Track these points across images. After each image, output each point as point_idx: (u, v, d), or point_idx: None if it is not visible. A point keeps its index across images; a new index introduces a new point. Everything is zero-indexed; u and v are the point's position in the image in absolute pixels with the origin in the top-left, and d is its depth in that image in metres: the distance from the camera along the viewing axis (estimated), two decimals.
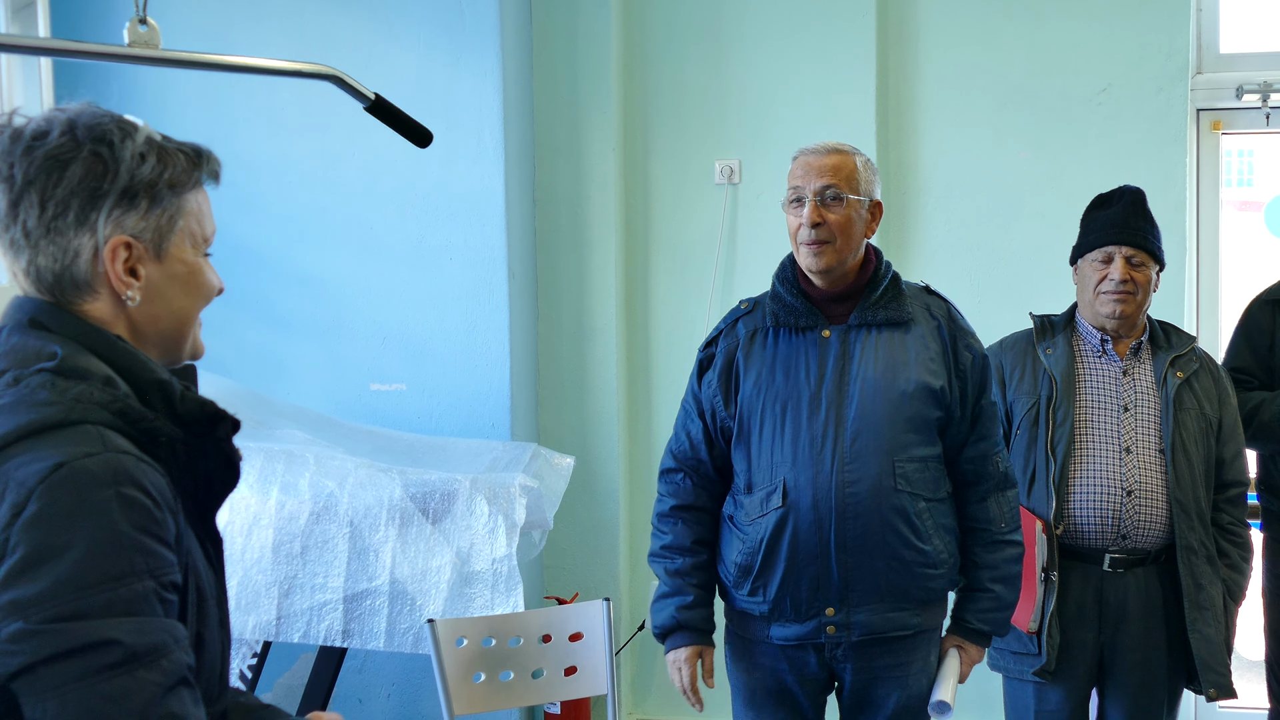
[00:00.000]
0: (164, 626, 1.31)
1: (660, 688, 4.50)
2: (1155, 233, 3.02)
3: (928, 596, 2.64)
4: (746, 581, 2.64)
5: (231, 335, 4.11)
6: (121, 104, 4.08)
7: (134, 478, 1.33)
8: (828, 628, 2.61)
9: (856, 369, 2.58)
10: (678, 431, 2.76)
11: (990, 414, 2.69)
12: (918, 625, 2.65)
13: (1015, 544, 2.70)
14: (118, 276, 1.44)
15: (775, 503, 2.58)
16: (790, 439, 2.58)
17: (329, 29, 4.02)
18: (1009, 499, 2.70)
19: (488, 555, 3.17)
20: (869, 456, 2.55)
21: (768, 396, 2.61)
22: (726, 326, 2.72)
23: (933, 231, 4.26)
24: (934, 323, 2.65)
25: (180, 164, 1.49)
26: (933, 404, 2.59)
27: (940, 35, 4.23)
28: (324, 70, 2.38)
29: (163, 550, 1.34)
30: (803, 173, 2.61)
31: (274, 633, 3.18)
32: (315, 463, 3.24)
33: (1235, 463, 3.06)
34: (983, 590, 2.68)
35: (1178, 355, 3.03)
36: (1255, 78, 4.16)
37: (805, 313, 2.63)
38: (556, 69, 4.28)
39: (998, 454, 2.69)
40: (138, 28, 2.17)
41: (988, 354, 3.14)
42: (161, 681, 1.29)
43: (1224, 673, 2.98)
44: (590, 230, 4.30)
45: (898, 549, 2.56)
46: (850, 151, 2.63)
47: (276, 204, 4.09)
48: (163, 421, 1.41)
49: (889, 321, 2.61)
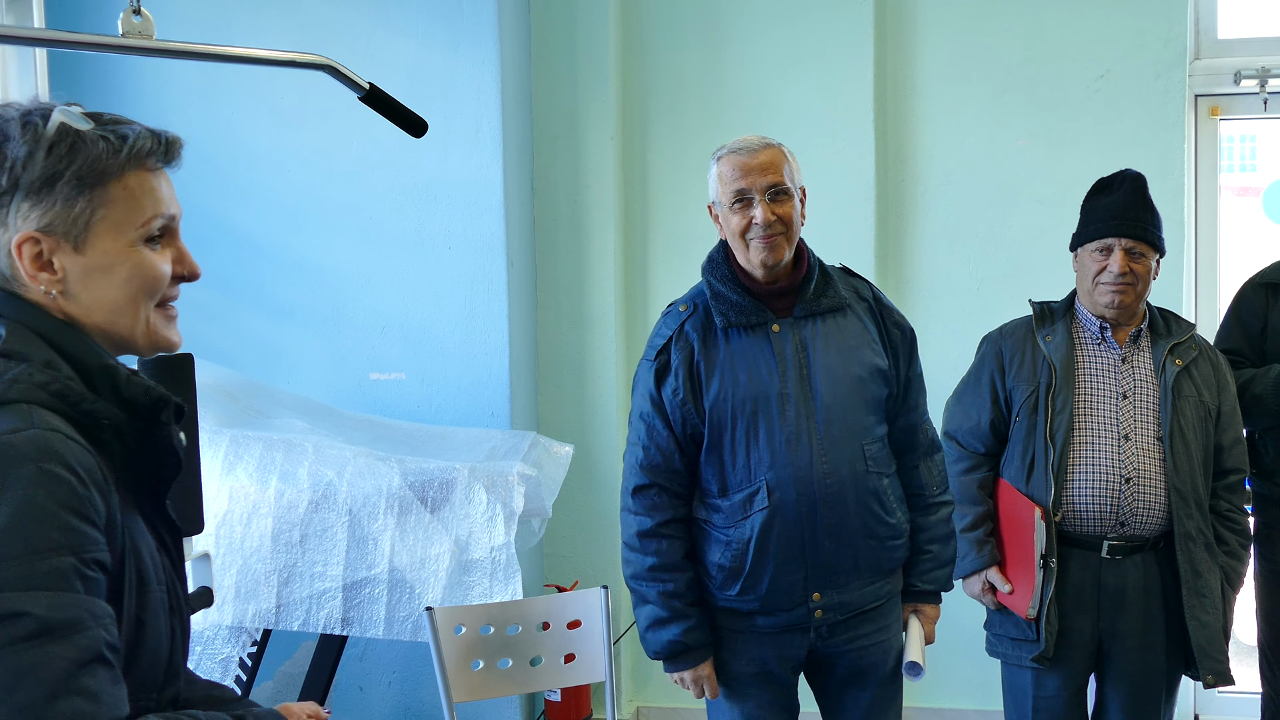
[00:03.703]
0: (82, 603, 1.31)
1: (660, 675, 4.50)
2: (1155, 221, 3.01)
3: (895, 565, 2.77)
4: (735, 583, 2.65)
5: (231, 324, 4.12)
6: (120, 94, 4.08)
7: (59, 454, 1.34)
8: (815, 611, 2.66)
9: (814, 360, 2.62)
10: (643, 446, 2.67)
11: (918, 385, 2.81)
12: (889, 592, 2.78)
13: (946, 504, 2.82)
14: (28, 272, 1.44)
15: (760, 504, 2.60)
16: (765, 440, 2.60)
17: (327, 18, 4.02)
18: (937, 462, 2.82)
19: (486, 543, 3.18)
20: (841, 444, 2.62)
21: (735, 400, 2.61)
22: (674, 332, 2.68)
23: (931, 219, 4.26)
24: (864, 304, 2.73)
25: (98, 152, 1.44)
26: (882, 383, 2.69)
27: (938, 22, 4.23)
28: (318, 60, 2.38)
29: (86, 528, 1.34)
30: (743, 174, 2.63)
31: (273, 621, 3.19)
32: (314, 451, 3.25)
33: (1234, 450, 3.06)
34: (921, 553, 2.79)
35: (1177, 343, 3.03)
36: (1253, 63, 4.16)
37: (753, 309, 2.64)
38: (555, 57, 4.28)
39: (925, 422, 2.82)
40: (131, 18, 2.16)
41: (987, 340, 3.16)
42: (74, 657, 1.28)
43: (1221, 659, 2.99)
44: (589, 219, 4.30)
45: (874, 527, 2.66)
46: (778, 144, 2.68)
47: (275, 193, 4.10)
48: (103, 404, 1.42)
49: (830, 309, 2.67)
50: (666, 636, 2.67)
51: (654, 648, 2.70)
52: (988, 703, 3.93)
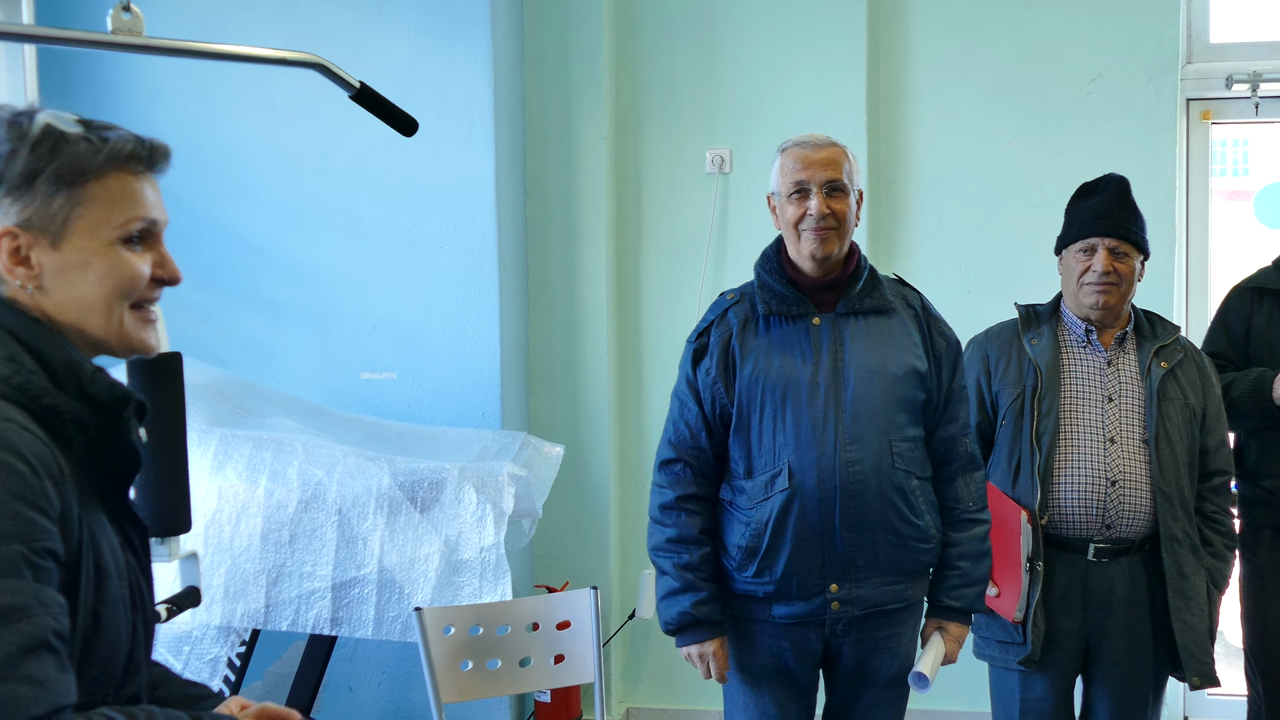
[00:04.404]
0: (30, 590, 1.32)
1: (651, 676, 4.52)
2: (1139, 222, 3.01)
3: (919, 569, 2.77)
4: (752, 564, 2.69)
5: (222, 323, 4.11)
6: (111, 92, 4.08)
7: (12, 444, 1.35)
8: (832, 604, 2.69)
9: (850, 353, 2.67)
10: (674, 422, 2.78)
11: (960, 397, 2.81)
12: (911, 597, 2.77)
13: (981, 522, 2.81)
14: (5, 265, 1.46)
15: (781, 485, 2.64)
16: (792, 423, 2.65)
17: (320, 17, 4.01)
18: (976, 479, 2.81)
19: (476, 544, 3.18)
20: (868, 436, 2.64)
21: (766, 383, 2.67)
22: (717, 316, 2.76)
23: (923, 220, 4.27)
24: (911, 311, 2.78)
25: (79, 152, 1.46)
26: (919, 386, 2.71)
27: (931, 24, 4.24)
28: (308, 58, 2.38)
29: (37, 517, 1.35)
30: (804, 166, 2.69)
31: (262, 621, 3.19)
32: (304, 451, 3.25)
33: (1219, 452, 3.07)
34: (950, 568, 2.79)
35: (1162, 345, 3.04)
36: (1245, 67, 4.17)
37: (795, 301, 2.71)
38: (548, 57, 4.28)
39: (966, 436, 2.81)
40: (121, 15, 2.16)
41: (973, 343, 3.17)
42: (20, 643, 1.28)
43: (1207, 661, 3.00)
44: (581, 219, 4.30)
45: (896, 524, 2.67)
46: (841, 145, 2.75)
47: (267, 192, 4.10)
48: (65, 400, 1.44)
49: (874, 309, 2.72)
50: (678, 608, 2.72)
51: (665, 619, 2.76)
52: (976, 705, 3.93)
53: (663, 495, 2.76)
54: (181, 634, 3.20)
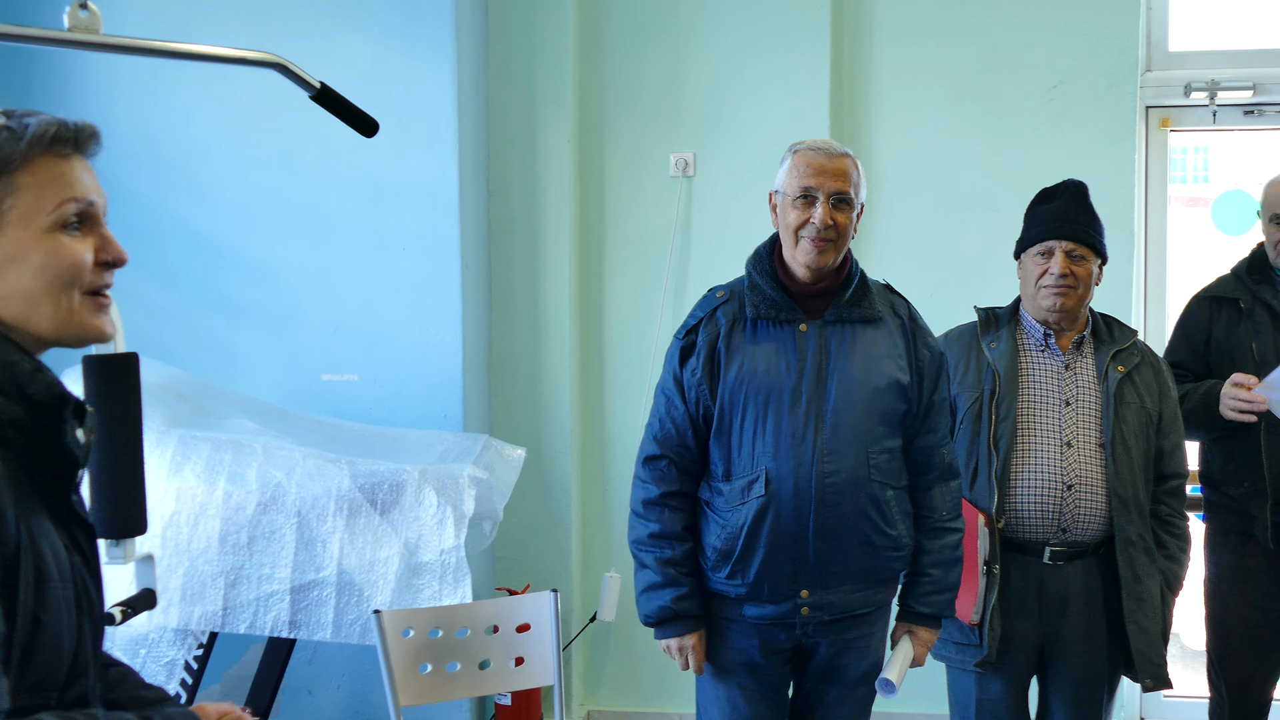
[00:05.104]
0: None
1: (612, 679, 4.51)
2: (1096, 226, 3.04)
3: (890, 576, 2.81)
4: (726, 565, 2.72)
5: (182, 323, 4.08)
6: (71, 91, 4.04)
7: None
8: (802, 609, 2.72)
9: (834, 364, 2.69)
10: (660, 419, 2.79)
11: (941, 408, 2.83)
12: (880, 601, 2.83)
13: (955, 531, 2.84)
14: None
15: (757, 491, 2.67)
16: (772, 430, 2.67)
17: (284, 17, 3.99)
18: (952, 489, 2.84)
19: (436, 546, 3.17)
20: (846, 448, 2.67)
21: (750, 388, 2.69)
22: (706, 315, 2.77)
23: (887, 225, 4.29)
24: (898, 320, 2.79)
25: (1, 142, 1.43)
26: (900, 398, 2.73)
27: (894, 30, 4.26)
28: (268, 58, 2.36)
29: None
30: (815, 173, 2.70)
31: (220, 623, 3.16)
32: (263, 453, 3.23)
33: (1174, 455, 3.09)
34: (922, 575, 2.82)
35: (1119, 349, 3.06)
36: (1203, 76, 4.22)
37: (785, 306, 2.72)
38: (512, 59, 4.27)
39: (945, 446, 2.84)
40: (78, 13, 2.13)
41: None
42: None
43: (1160, 663, 3.03)
44: (544, 221, 4.30)
45: (869, 534, 2.70)
46: (852, 155, 2.76)
47: (230, 191, 4.07)
48: (1, 400, 1.42)
49: (862, 318, 2.74)
50: (658, 602, 2.75)
51: (645, 612, 2.79)
52: (935, 707, 3.95)
53: (646, 491, 2.78)
54: (138, 637, 3.17)
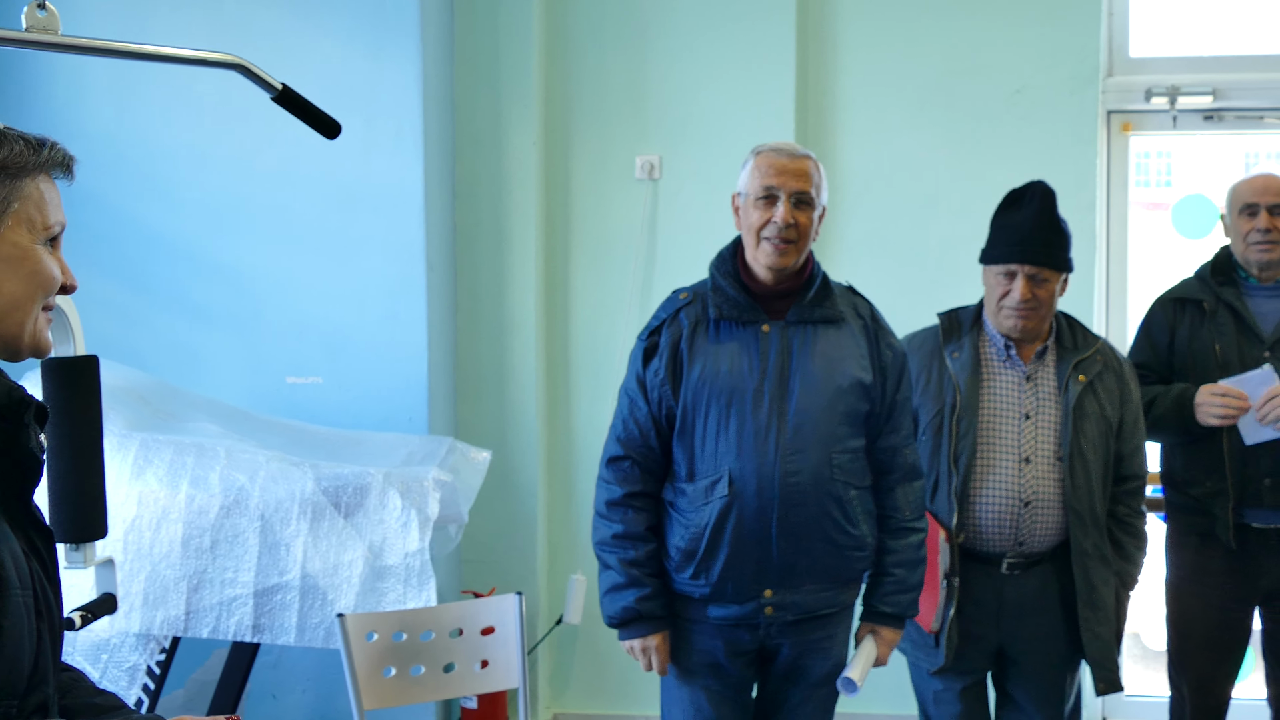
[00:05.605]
0: None
1: (578, 681, 4.51)
2: (1061, 241, 3.00)
3: (853, 576, 2.83)
4: (689, 565, 2.73)
5: (145, 325, 4.05)
6: (32, 90, 4.01)
7: None
8: (766, 609, 2.73)
9: (796, 364, 2.70)
10: (624, 420, 2.80)
11: (904, 408, 2.84)
12: (844, 602, 2.85)
13: (918, 530, 2.86)
14: None
15: (720, 492, 2.68)
16: (735, 431, 2.68)
17: (249, 18, 3.97)
18: (915, 489, 2.85)
19: (400, 549, 3.16)
20: (809, 448, 2.68)
21: (713, 388, 2.70)
22: (669, 316, 2.78)
23: (852, 227, 4.30)
24: (860, 321, 2.80)
25: (18, 149, 1.47)
26: (863, 398, 2.75)
27: (859, 34, 4.28)
28: (229, 59, 2.34)
29: None
30: (777, 172, 2.72)
31: (182, 628, 3.14)
32: (226, 456, 3.21)
33: (1134, 457, 3.11)
34: (886, 574, 2.84)
35: (1082, 358, 3.06)
36: (1164, 81, 4.26)
37: (747, 307, 2.73)
38: (478, 61, 4.26)
39: (908, 447, 2.85)
40: (35, 12, 2.11)
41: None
42: None
43: (1113, 669, 3.08)
44: (510, 224, 4.29)
45: (833, 534, 2.71)
46: (814, 157, 2.78)
47: (193, 193, 4.04)
48: None
49: (824, 319, 2.75)
50: (621, 603, 2.76)
51: (609, 613, 2.79)
52: (899, 707, 3.97)
53: (610, 491, 2.79)
54: (100, 642, 3.15)
